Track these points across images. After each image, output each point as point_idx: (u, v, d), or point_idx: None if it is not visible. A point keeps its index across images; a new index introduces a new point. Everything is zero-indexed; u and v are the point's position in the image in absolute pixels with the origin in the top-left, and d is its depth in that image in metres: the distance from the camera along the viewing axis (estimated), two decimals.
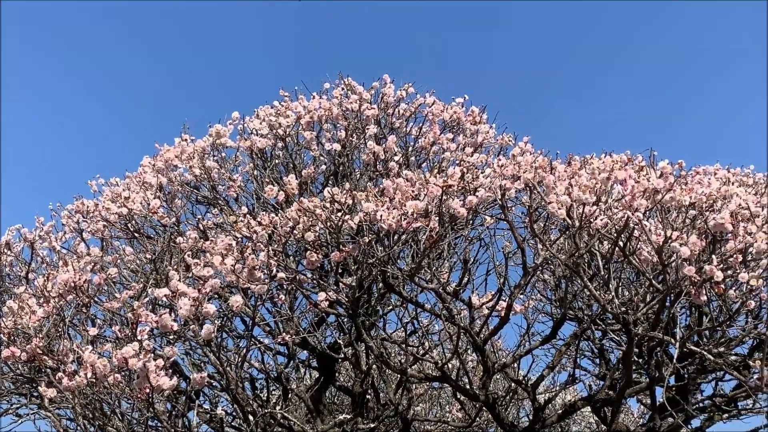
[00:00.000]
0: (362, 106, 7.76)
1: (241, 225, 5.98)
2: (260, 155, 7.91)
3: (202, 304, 5.44)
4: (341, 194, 5.95)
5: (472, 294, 7.19)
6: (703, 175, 7.54)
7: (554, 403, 10.34)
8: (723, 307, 6.00)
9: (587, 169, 5.85)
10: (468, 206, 5.83)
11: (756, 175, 8.34)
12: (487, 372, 6.71)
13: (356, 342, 7.49)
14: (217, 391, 7.76)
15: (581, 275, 5.76)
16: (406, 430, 7.95)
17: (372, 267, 6.16)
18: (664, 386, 6.18)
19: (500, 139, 8.39)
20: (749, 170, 8.41)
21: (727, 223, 5.20)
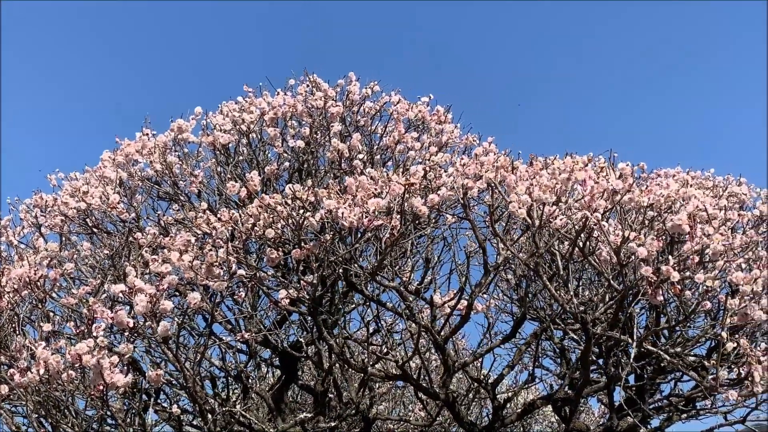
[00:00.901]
0: (327, 103, 7.73)
1: (200, 221, 5.91)
2: (223, 151, 7.84)
3: (160, 300, 5.38)
4: (303, 191, 5.91)
5: (434, 293, 7.20)
6: (663, 177, 7.63)
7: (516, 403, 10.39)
8: (680, 307, 6.07)
9: (548, 169, 5.89)
10: (430, 205, 5.83)
11: (716, 178, 8.46)
12: (447, 371, 6.72)
13: (318, 341, 7.45)
14: (176, 389, 7.67)
15: (541, 275, 5.79)
16: (367, 429, 7.93)
17: (334, 265, 6.14)
18: (621, 386, 6.23)
19: (465, 139, 8.41)
20: (709, 173, 8.53)
21: (685, 225, 5.27)
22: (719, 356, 5.38)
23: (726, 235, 5.27)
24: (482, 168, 5.95)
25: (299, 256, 5.83)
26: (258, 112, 7.76)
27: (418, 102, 8.28)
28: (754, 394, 5.55)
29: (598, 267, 5.65)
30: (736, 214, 5.73)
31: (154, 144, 7.74)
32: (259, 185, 6.88)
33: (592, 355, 7.19)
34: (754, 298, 5.26)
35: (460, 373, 8.69)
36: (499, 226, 6.64)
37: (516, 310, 7.87)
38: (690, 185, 6.08)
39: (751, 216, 7.57)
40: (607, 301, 5.99)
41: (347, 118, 8.03)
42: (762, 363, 5.26)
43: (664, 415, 8.12)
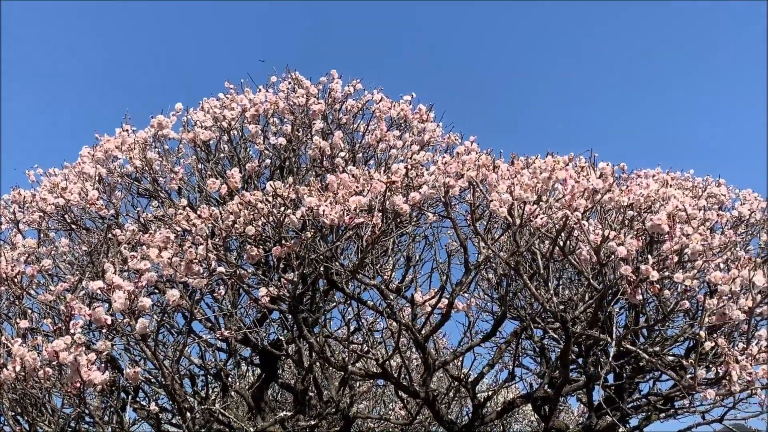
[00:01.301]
0: (309, 100, 7.69)
1: (180, 218, 5.87)
2: (204, 148, 7.79)
3: (138, 297, 5.34)
4: (284, 188, 5.88)
5: (415, 291, 7.19)
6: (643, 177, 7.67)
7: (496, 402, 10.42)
8: (659, 307, 6.10)
9: (529, 168, 5.90)
10: (411, 203, 5.82)
11: (695, 179, 8.53)
12: (427, 369, 6.72)
13: (298, 339, 7.42)
14: (155, 387, 7.62)
15: (521, 273, 5.80)
16: (347, 428, 7.92)
17: (315, 263, 6.12)
18: (600, 385, 6.25)
19: (447, 137, 8.41)
20: (689, 174, 8.60)
21: (664, 224, 5.30)
22: (697, 355, 5.42)
23: (705, 235, 5.30)
24: (464, 167, 5.95)
25: (279, 254, 5.80)
26: (239, 109, 7.71)
27: (401, 100, 8.27)
28: (731, 394, 5.59)
29: (578, 266, 5.67)
30: (714, 214, 5.77)
31: (134, 140, 7.67)
32: (240, 182, 6.83)
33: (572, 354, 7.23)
34: (732, 298, 5.29)
35: (441, 372, 8.70)
36: (480, 224, 6.65)
37: (496, 309, 7.90)
38: (669, 186, 6.12)
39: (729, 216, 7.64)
40: (586, 300, 6.01)
41: (329, 116, 8.01)
42: (740, 362, 5.30)
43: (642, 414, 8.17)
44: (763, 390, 5.66)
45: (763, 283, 5.24)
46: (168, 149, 7.92)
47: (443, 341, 11.61)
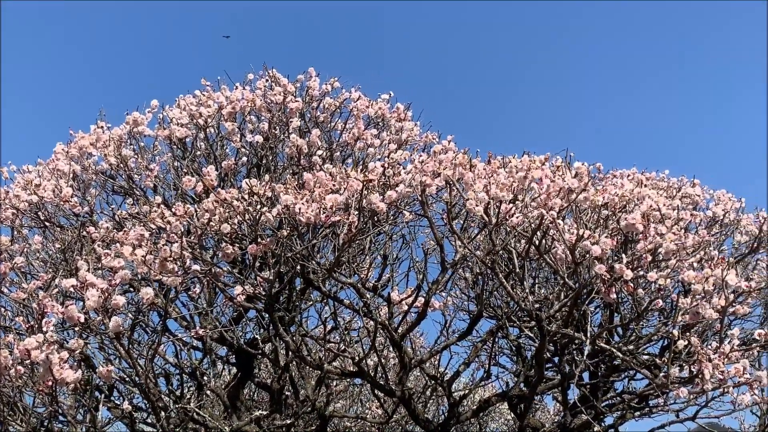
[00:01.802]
0: (286, 98, 7.66)
1: (154, 215, 5.82)
2: (180, 145, 7.73)
3: (112, 296, 5.28)
4: (260, 186, 5.85)
5: (392, 290, 7.19)
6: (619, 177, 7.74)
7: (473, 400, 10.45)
8: (634, 305, 6.14)
9: (506, 168, 5.92)
10: (388, 201, 5.81)
11: (670, 179, 8.62)
12: (404, 368, 6.72)
13: (275, 338, 7.39)
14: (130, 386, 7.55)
15: (497, 272, 5.81)
16: (323, 427, 7.90)
17: (292, 261, 6.09)
18: (574, 383, 6.28)
19: (425, 136, 8.42)
20: (664, 175, 8.68)
21: (638, 224, 5.33)
22: (670, 354, 5.46)
23: (678, 235, 5.34)
24: (440, 165, 5.95)
25: (255, 252, 5.77)
26: (216, 107, 7.66)
27: (379, 99, 8.25)
28: (704, 392, 5.63)
29: (554, 265, 5.70)
30: (688, 214, 5.82)
31: (109, 137, 7.60)
32: (216, 180, 6.79)
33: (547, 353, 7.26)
34: (705, 297, 5.34)
35: (418, 371, 8.71)
36: (457, 223, 6.66)
37: (473, 308, 7.91)
38: (644, 186, 6.16)
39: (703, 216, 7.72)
40: (562, 299, 6.04)
41: (306, 114, 7.98)
42: (712, 361, 5.35)
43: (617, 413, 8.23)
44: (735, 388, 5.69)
45: (735, 282, 5.28)
46: (143, 146, 7.86)
47: (420, 340, 11.64)
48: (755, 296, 7.64)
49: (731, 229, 8.52)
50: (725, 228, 8.42)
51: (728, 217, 8.32)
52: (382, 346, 9.12)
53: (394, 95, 8.37)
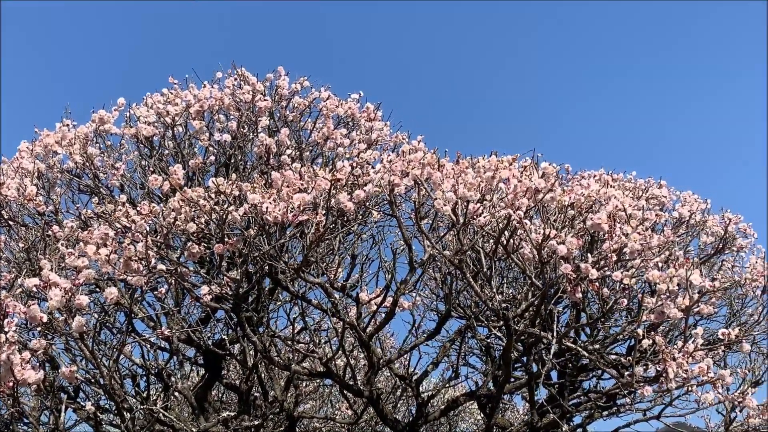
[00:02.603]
0: (255, 97, 7.61)
1: (119, 214, 5.75)
2: (147, 144, 7.65)
3: (75, 295, 5.21)
4: (227, 185, 5.81)
5: (361, 290, 7.18)
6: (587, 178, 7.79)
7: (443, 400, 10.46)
8: (600, 305, 6.18)
9: (474, 167, 5.93)
10: (356, 201, 5.80)
11: (637, 180, 8.70)
12: (372, 368, 6.70)
13: (242, 338, 7.34)
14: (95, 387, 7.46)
15: (464, 272, 5.82)
16: (291, 428, 7.86)
17: (260, 261, 6.05)
18: (541, 383, 6.31)
19: (395, 137, 8.42)
20: (631, 176, 8.76)
21: (604, 224, 5.37)
22: (635, 353, 5.50)
23: (644, 235, 5.39)
24: (409, 165, 5.95)
25: (221, 251, 5.73)
26: (183, 105, 7.59)
27: (348, 99, 8.23)
28: (668, 391, 5.68)
29: (521, 265, 5.72)
30: (653, 214, 5.87)
31: (75, 135, 7.49)
32: (184, 179, 6.72)
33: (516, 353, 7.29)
34: (670, 297, 5.38)
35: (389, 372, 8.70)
36: (426, 223, 6.67)
37: (443, 308, 7.93)
38: (611, 186, 6.21)
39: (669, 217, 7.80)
40: (529, 299, 6.07)
41: (276, 113, 7.93)
42: (676, 360, 5.39)
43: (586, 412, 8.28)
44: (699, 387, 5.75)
45: (699, 282, 5.34)
46: (110, 145, 7.77)
47: (391, 340, 11.65)
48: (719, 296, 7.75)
49: (697, 230, 8.63)
50: (691, 229, 8.52)
51: (694, 218, 8.42)
52: (351, 347, 9.10)
53: (364, 95, 8.36)
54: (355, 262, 7.25)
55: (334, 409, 10.99)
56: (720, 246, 8.44)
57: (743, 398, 5.74)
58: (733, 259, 8.85)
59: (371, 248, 7.50)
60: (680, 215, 8.34)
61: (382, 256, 6.92)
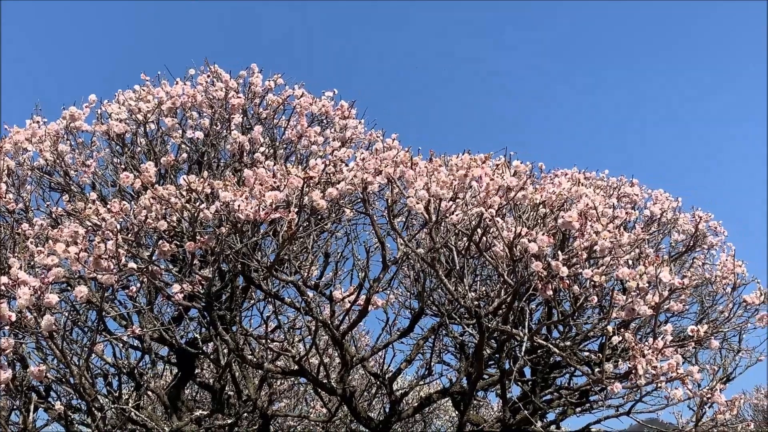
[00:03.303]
0: (228, 94, 7.57)
1: (89, 212, 5.69)
2: (118, 141, 7.58)
3: (44, 293, 5.16)
4: (198, 183, 5.77)
5: (335, 288, 7.17)
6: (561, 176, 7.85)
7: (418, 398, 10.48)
8: (571, 302, 6.23)
9: (447, 165, 5.95)
10: (328, 198, 5.79)
11: (609, 179, 8.78)
12: (345, 366, 6.70)
13: (215, 337, 7.31)
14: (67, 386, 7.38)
15: (437, 270, 5.83)
16: (265, 426, 7.84)
17: (233, 259, 6.02)
18: (513, 379, 6.34)
19: (369, 134, 8.42)
20: (603, 174, 8.84)
21: (575, 222, 5.41)
22: (605, 350, 5.55)
23: (614, 233, 5.43)
24: (382, 163, 5.95)
25: (192, 249, 5.69)
26: (155, 102, 7.53)
27: (323, 96, 8.21)
28: (638, 387, 5.74)
29: (493, 262, 5.74)
30: (624, 212, 5.92)
31: (45, 132, 7.42)
32: (156, 176, 6.67)
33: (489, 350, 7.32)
34: (640, 294, 5.43)
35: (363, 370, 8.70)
36: (400, 222, 6.68)
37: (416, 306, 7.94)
38: (582, 184, 6.26)
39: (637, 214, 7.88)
40: (502, 296, 6.09)
41: (249, 111, 7.90)
42: (646, 356, 5.44)
43: (559, 409, 8.34)
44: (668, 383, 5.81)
45: (669, 279, 5.39)
46: (81, 142, 7.69)
47: (366, 338, 11.65)
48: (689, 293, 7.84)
49: (668, 228, 8.73)
50: (663, 227, 8.62)
51: (666, 216, 8.51)
52: (326, 345, 9.09)
53: (338, 93, 8.34)
54: (329, 260, 7.23)
55: (308, 407, 10.98)
56: (691, 244, 8.55)
57: (712, 394, 5.80)
58: (703, 257, 8.96)
59: (345, 246, 7.50)
60: (652, 213, 8.44)
61: (356, 254, 6.92)
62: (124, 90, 7.81)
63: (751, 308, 7.30)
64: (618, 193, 8.12)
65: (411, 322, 7.17)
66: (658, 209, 8.38)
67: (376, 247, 6.88)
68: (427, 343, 7.89)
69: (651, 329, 6.92)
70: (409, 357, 7.43)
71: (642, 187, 8.65)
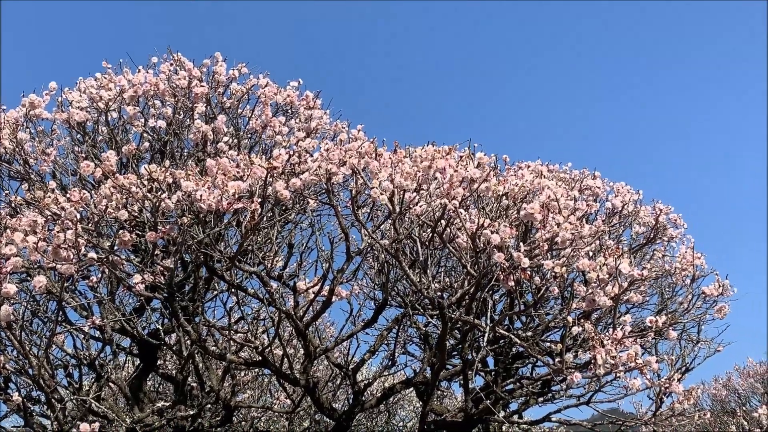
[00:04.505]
0: (191, 83, 7.49)
1: (48, 201, 5.61)
2: (79, 129, 7.47)
3: (2, 283, 5.09)
4: (160, 172, 5.71)
5: (299, 279, 7.15)
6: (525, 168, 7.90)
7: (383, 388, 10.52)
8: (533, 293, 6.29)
9: (411, 157, 5.96)
10: (292, 189, 5.76)
11: (572, 171, 8.87)
12: (308, 356, 6.70)
13: (178, 328, 7.25)
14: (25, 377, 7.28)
15: (401, 261, 5.85)
16: (228, 417, 7.81)
17: (195, 249, 5.97)
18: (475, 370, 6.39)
19: (335, 125, 8.39)
20: (567, 167, 8.93)
21: (537, 214, 5.46)
22: (564, 340, 5.62)
23: (575, 224, 5.49)
24: (346, 154, 5.95)
25: (153, 239, 5.64)
26: (117, 90, 7.43)
27: (288, 87, 8.17)
28: (597, 377, 5.81)
29: (456, 254, 5.78)
30: (584, 204, 5.99)
31: (4, 120, 7.28)
32: (116, 165, 6.58)
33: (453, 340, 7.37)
34: (600, 285, 5.49)
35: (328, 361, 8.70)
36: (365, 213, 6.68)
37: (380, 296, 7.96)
38: (545, 177, 6.31)
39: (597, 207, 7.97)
40: (465, 287, 6.13)
41: (213, 100, 7.82)
42: (605, 347, 5.52)
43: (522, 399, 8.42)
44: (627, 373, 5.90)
45: (628, 270, 5.46)
46: (41, 130, 7.57)
47: (331, 329, 11.65)
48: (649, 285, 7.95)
49: (630, 221, 8.84)
50: (624, 219, 8.72)
51: (627, 208, 8.62)
52: (291, 336, 9.07)
53: (303, 83, 8.31)
54: (293, 251, 7.21)
55: (273, 398, 10.95)
56: (651, 236, 8.66)
57: (670, 384, 5.90)
58: (663, 249, 9.08)
59: (309, 237, 7.48)
60: (613, 206, 8.54)
61: (320, 245, 6.91)
62: (86, 78, 7.69)
63: (710, 300, 7.43)
64: (580, 186, 8.21)
65: (375, 312, 7.18)
66: (619, 202, 8.48)
67: (341, 238, 6.88)
68: (391, 334, 7.90)
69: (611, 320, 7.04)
70: (373, 348, 7.45)
71: (604, 180, 8.75)
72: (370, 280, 8.69)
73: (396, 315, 7.63)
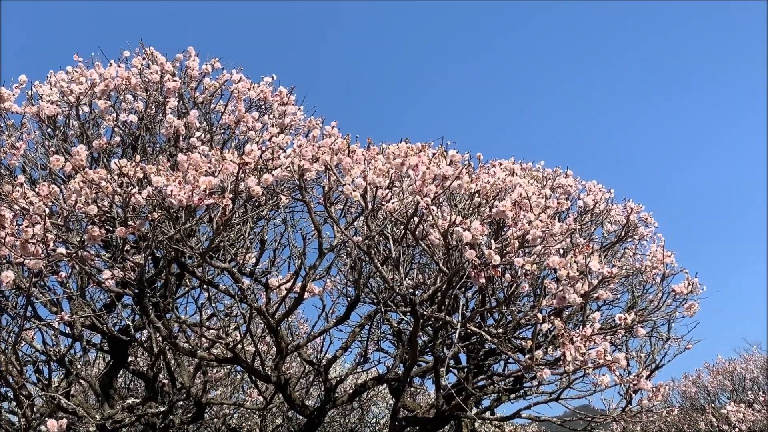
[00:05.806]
0: (164, 77, 7.43)
1: (17, 195, 5.54)
2: (50, 123, 7.38)
3: None
4: (130, 167, 5.66)
5: (271, 275, 7.13)
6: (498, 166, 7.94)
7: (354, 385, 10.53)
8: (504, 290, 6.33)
9: (384, 154, 5.97)
10: (264, 185, 5.75)
11: (545, 170, 8.94)
12: (280, 353, 6.68)
13: (148, 325, 7.20)
14: None
15: (373, 257, 5.86)
16: (200, 414, 7.78)
17: (166, 245, 5.94)
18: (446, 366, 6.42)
19: (308, 121, 8.36)
20: (540, 165, 9.00)
21: (508, 211, 5.50)
22: (534, 337, 5.66)
23: (546, 222, 5.53)
24: (319, 150, 5.94)
25: (123, 235, 5.59)
26: (89, 84, 7.34)
27: (261, 82, 8.13)
28: (566, 373, 5.86)
29: (428, 251, 5.80)
30: (556, 202, 6.03)
31: None
32: (87, 160, 6.52)
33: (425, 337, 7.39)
34: (570, 283, 5.55)
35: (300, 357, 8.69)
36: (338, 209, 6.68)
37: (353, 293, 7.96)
38: (517, 175, 6.36)
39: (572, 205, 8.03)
40: (437, 284, 6.16)
41: (185, 95, 7.76)
42: (574, 343, 5.57)
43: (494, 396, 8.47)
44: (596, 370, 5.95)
45: (598, 268, 5.52)
46: (11, 124, 7.47)
47: (304, 326, 11.63)
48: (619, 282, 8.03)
49: (601, 219, 8.92)
50: (596, 217, 8.81)
51: (598, 206, 8.70)
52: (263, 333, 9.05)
53: (277, 79, 8.26)
54: (265, 247, 7.19)
55: (245, 395, 10.92)
56: (622, 234, 8.75)
57: (638, 381, 5.97)
58: (634, 247, 9.18)
59: (282, 234, 7.46)
60: (585, 204, 8.61)
61: (292, 241, 6.89)
62: (56, 71, 7.60)
63: (680, 297, 7.52)
64: (552, 184, 8.27)
65: (347, 309, 7.19)
66: (591, 200, 8.56)
67: (313, 235, 6.87)
68: (364, 331, 7.91)
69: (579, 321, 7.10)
70: (346, 344, 7.45)
71: (576, 179, 8.83)
72: (343, 277, 8.69)
73: (369, 312, 7.64)
